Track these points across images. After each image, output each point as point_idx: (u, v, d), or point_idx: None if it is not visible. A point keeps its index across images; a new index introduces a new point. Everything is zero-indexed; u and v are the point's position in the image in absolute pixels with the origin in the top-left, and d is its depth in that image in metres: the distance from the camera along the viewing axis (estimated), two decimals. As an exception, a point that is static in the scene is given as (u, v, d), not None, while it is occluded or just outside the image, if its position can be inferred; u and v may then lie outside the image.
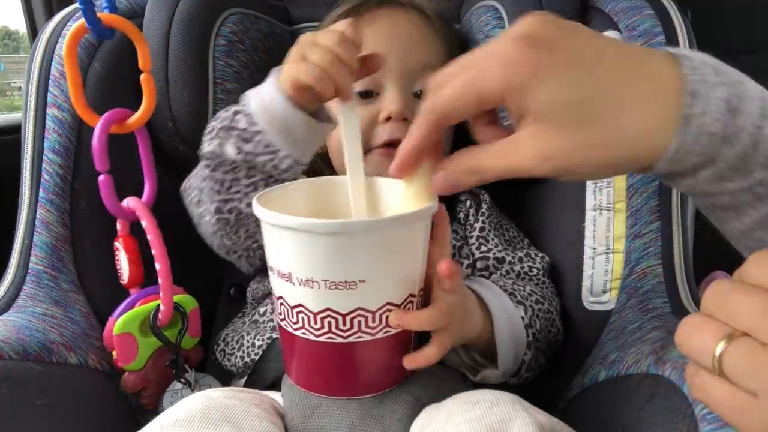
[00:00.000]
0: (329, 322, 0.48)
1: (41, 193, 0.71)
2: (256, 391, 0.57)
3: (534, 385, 0.71)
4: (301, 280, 0.48)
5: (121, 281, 0.69)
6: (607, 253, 0.69)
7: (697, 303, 0.63)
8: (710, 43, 0.93)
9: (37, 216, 0.71)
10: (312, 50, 0.53)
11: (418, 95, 0.71)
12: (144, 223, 0.64)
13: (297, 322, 0.50)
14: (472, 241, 0.73)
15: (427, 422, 0.48)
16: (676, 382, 0.47)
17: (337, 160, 0.73)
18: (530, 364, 0.62)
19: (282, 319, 0.52)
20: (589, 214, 0.71)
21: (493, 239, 0.73)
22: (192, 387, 0.67)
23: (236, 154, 0.56)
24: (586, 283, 0.70)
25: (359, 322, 0.48)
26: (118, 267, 0.69)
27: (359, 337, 0.49)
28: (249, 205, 0.58)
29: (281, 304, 0.51)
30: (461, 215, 0.75)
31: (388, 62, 0.61)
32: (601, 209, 0.70)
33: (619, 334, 0.63)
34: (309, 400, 0.52)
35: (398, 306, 0.49)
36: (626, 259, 0.68)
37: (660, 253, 0.66)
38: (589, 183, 0.71)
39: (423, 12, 0.75)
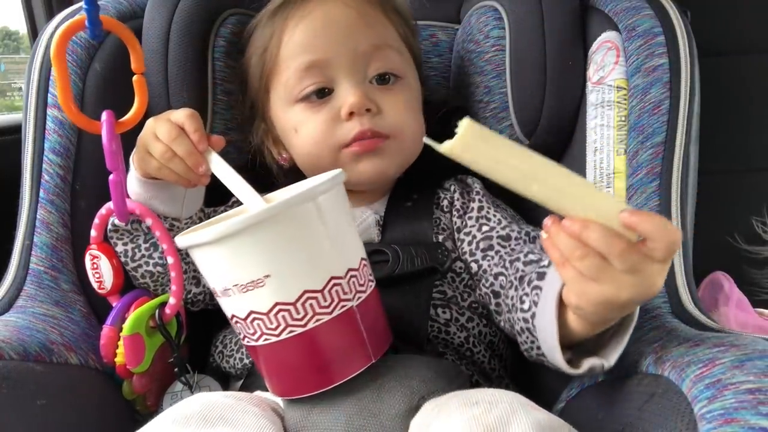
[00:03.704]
0: (258, 324, 0.49)
1: (41, 193, 0.71)
2: (257, 393, 0.57)
3: (534, 385, 0.72)
4: (221, 291, 0.49)
5: (100, 290, 0.68)
6: (606, 253, 0.69)
7: (697, 303, 0.63)
8: (710, 43, 0.93)
9: (38, 216, 0.71)
10: (153, 145, 0.60)
11: (379, 80, 0.68)
12: (149, 222, 0.64)
13: (239, 333, 0.51)
14: (471, 222, 0.70)
15: (426, 421, 0.48)
16: (676, 381, 0.47)
17: (305, 162, 0.72)
18: None
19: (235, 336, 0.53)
20: (589, 214, 0.71)
21: (494, 215, 0.70)
22: (192, 388, 0.67)
23: (125, 225, 0.66)
24: (585, 283, 0.70)
25: (284, 317, 0.48)
26: (96, 276, 0.67)
27: (291, 332, 0.49)
28: (156, 264, 0.68)
29: (225, 319, 0.53)
30: (444, 202, 0.73)
31: (332, 55, 0.66)
32: (600, 209, 0.70)
33: (618, 334, 0.63)
34: (307, 398, 0.52)
35: (320, 291, 0.48)
36: (626, 259, 0.67)
37: (660, 253, 0.66)
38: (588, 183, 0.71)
39: None
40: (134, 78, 0.63)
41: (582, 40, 0.74)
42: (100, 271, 0.67)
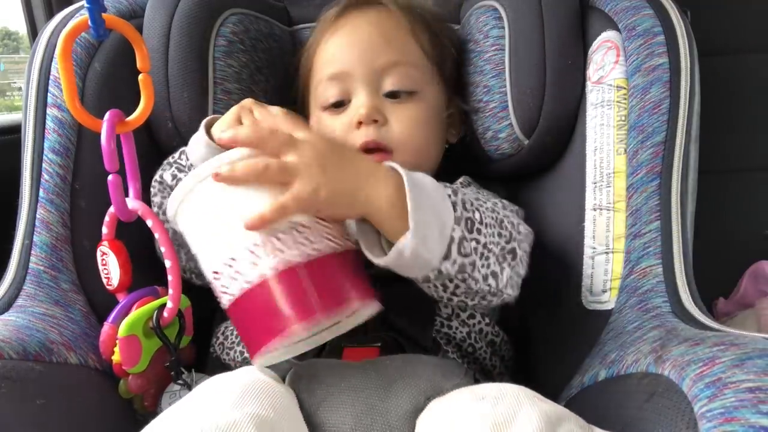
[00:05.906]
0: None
1: (41, 193, 0.71)
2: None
3: (534, 384, 0.72)
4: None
5: (108, 286, 0.67)
6: (606, 253, 0.69)
7: (697, 302, 0.63)
8: (710, 43, 0.93)
9: (37, 216, 0.71)
10: (248, 118, 0.61)
11: (391, 95, 0.73)
12: (150, 223, 0.64)
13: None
14: None
15: (432, 419, 0.49)
16: (676, 380, 0.47)
17: None
18: (464, 248, 0.56)
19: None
20: (589, 214, 0.71)
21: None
22: (191, 388, 0.67)
23: (171, 180, 0.69)
24: (585, 282, 0.70)
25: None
26: (105, 272, 0.67)
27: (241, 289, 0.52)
28: None
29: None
30: None
31: (351, 69, 0.73)
32: (600, 209, 0.70)
33: (618, 333, 0.63)
34: (314, 395, 0.53)
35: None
36: (626, 258, 0.68)
37: (660, 252, 0.66)
38: (588, 182, 0.71)
39: (395, 11, 0.76)
40: (140, 77, 0.62)
41: (582, 40, 0.74)
42: (108, 268, 0.67)
